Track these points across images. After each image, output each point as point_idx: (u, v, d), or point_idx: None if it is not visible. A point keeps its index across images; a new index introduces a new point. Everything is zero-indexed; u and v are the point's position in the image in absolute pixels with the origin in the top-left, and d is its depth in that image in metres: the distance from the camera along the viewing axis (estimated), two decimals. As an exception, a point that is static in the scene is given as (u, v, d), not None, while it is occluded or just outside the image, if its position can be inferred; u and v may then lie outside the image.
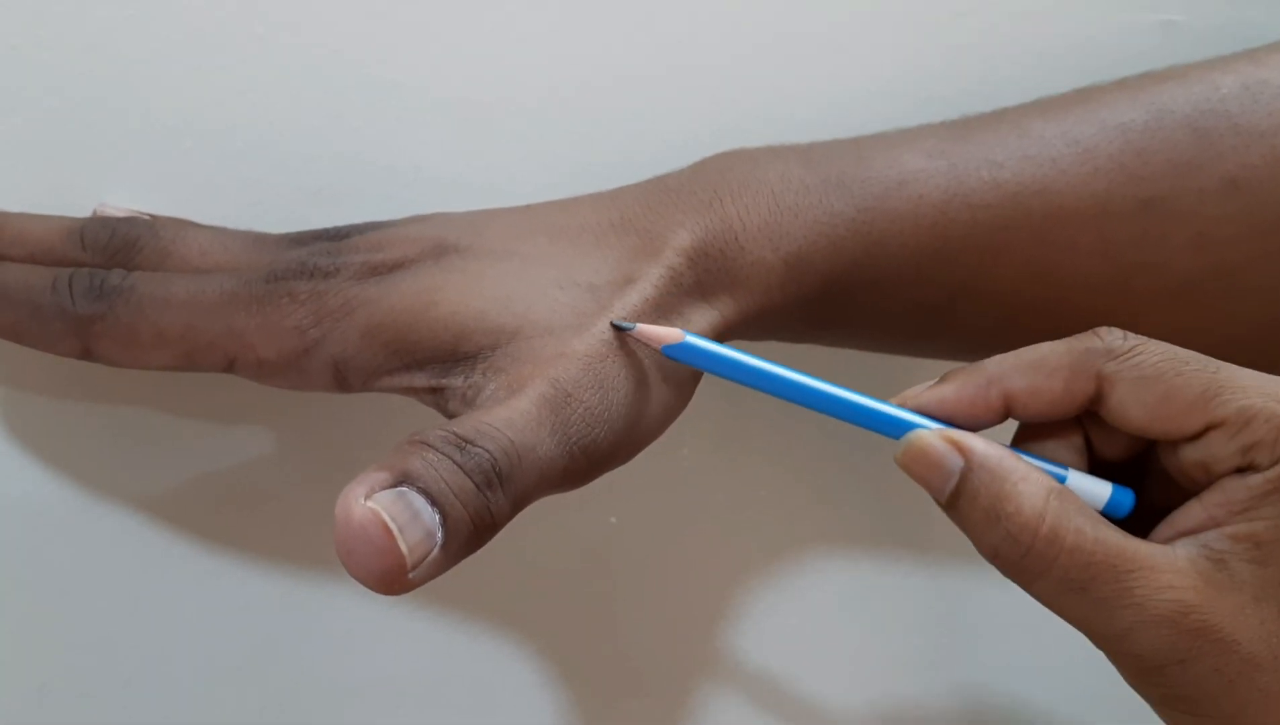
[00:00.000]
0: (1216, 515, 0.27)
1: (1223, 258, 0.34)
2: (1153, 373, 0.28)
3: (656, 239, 0.32)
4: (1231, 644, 0.26)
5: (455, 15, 0.36)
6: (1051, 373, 0.29)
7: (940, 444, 0.28)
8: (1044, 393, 0.29)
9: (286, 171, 0.36)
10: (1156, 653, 0.27)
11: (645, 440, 0.31)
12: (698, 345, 0.30)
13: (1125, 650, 0.27)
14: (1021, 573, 0.27)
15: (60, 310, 0.30)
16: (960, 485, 0.28)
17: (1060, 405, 0.29)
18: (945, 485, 0.28)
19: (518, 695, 0.41)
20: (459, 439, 0.27)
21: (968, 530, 0.28)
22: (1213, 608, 0.26)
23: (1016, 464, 0.28)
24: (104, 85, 0.34)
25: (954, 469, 0.28)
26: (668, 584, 0.42)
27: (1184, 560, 0.27)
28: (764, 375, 0.30)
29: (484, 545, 0.27)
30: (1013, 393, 0.29)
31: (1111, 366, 0.28)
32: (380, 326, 0.30)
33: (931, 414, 0.29)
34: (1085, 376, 0.28)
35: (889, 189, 0.33)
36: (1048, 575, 0.27)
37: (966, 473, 0.28)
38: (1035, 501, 0.27)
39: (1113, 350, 0.28)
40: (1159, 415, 0.28)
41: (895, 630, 0.43)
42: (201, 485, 0.37)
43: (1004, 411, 0.29)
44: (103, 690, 0.37)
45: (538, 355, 0.29)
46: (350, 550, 0.25)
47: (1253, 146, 0.34)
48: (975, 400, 0.29)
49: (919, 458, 0.29)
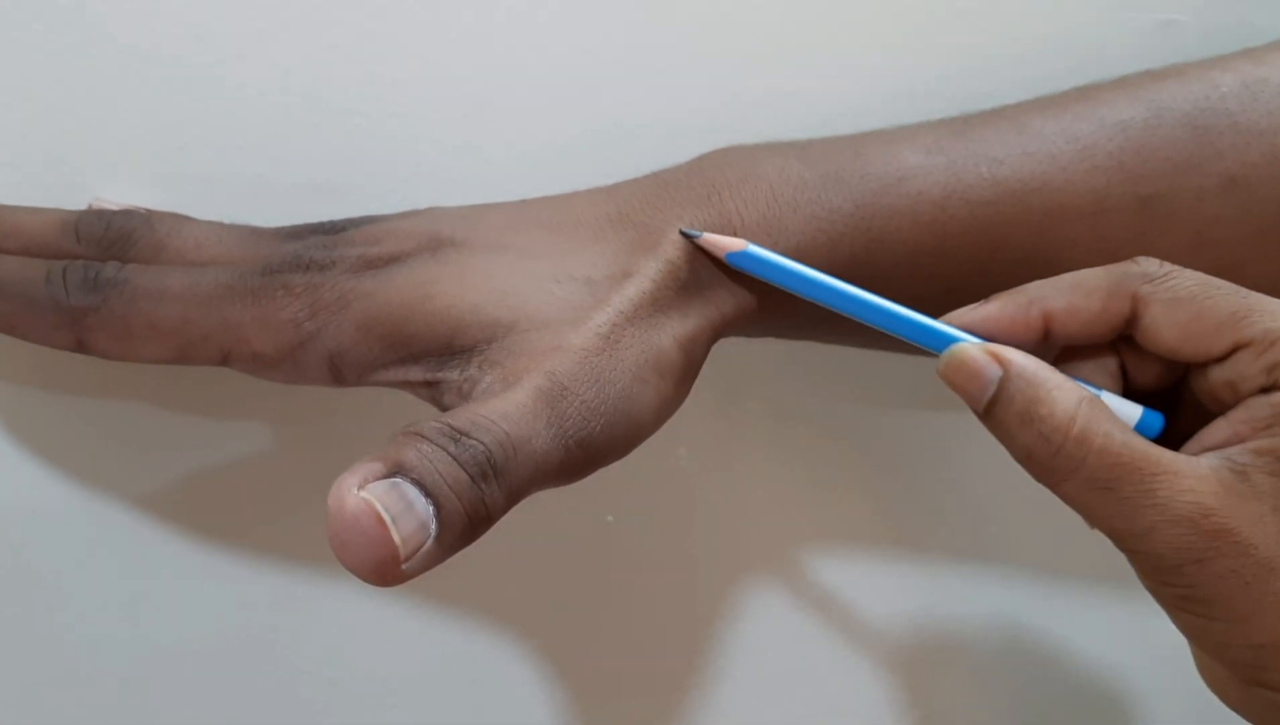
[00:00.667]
0: (1241, 431, 0.28)
1: (1221, 256, 0.34)
2: (1185, 295, 0.29)
3: (654, 233, 0.32)
4: (1249, 547, 0.27)
5: (453, 11, 0.36)
6: (1090, 293, 0.30)
7: (980, 355, 0.29)
8: (1082, 312, 0.30)
9: (283, 167, 0.36)
10: (1176, 551, 0.27)
11: (641, 435, 0.31)
12: (759, 254, 0.31)
13: (1146, 549, 0.28)
14: (1051, 472, 0.28)
15: (54, 302, 0.30)
16: (998, 393, 0.29)
17: (1097, 325, 0.30)
18: (983, 394, 0.29)
19: (514, 694, 0.40)
20: (454, 431, 0.27)
21: (1001, 436, 0.29)
22: (1232, 512, 0.27)
23: (1052, 374, 0.29)
24: (100, 80, 0.34)
25: (992, 378, 0.29)
26: (664, 583, 0.41)
27: (1207, 468, 0.28)
28: (820, 286, 0.31)
29: (478, 538, 0.27)
30: (1052, 312, 0.30)
31: (1147, 288, 0.29)
32: (376, 320, 0.30)
33: (974, 331, 0.31)
34: (1121, 297, 0.30)
35: (887, 185, 0.33)
36: (1076, 475, 0.28)
37: (1004, 381, 0.29)
38: (1068, 406, 0.28)
39: (1148, 274, 0.29)
40: (1190, 335, 0.29)
41: (893, 631, 0.43)
42: (196, 480, 0.37)
43: (1043, 330, 0.30)
44: (96, 687, 0.37)
45: (533, 348, 0.29)
46: (343, 541, 0.25)
47: (1252, 145, 0.34)
48: (1016, 318, 0.30)
49: (960, 368, 0.30)
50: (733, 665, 0.42)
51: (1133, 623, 0.44)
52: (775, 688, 0.43)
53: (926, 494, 0.43)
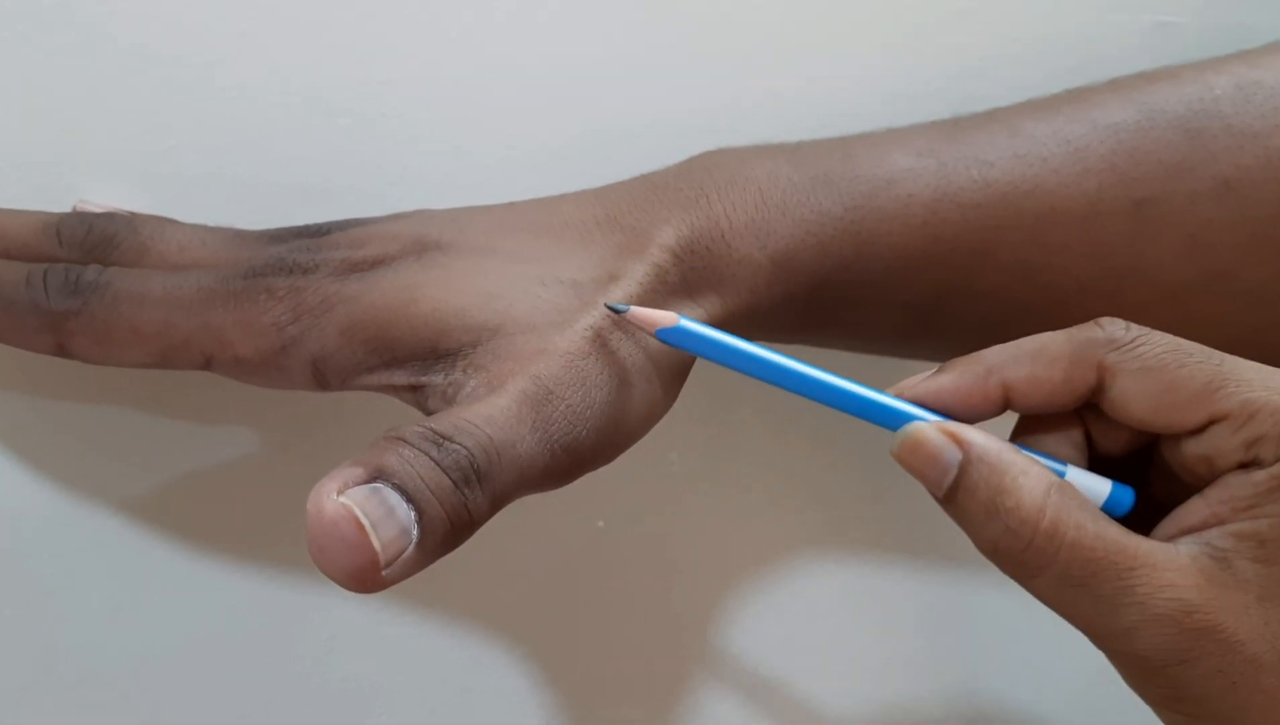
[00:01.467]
0: (1220, 512, 0.27)
1: (1215, 260, 0.34)
2: (1156, 364, 0.27)
3: (642, 236, 0.31)
4: (1235, 644, 0.26)
5: (444, 12, 0.36)
6: (1051, 362, 0.28)
7: (938, 436, 0.27)
8: (1044, 383, 0.28)
9: (272, 168, 0.36)
10: (1158, 652, 0.26)
11: (629, 440, 0.30)
12: (692, 329, 0.29)
13: (1127, 650, 0.27)
14: (1021, 568, 0.27)
15: (34, 306, 0.30)
16: (959, 479, 0.27)
17: (1060, 396, 0.28)
18: (943, 479, 0.27)
19: (504, 701, 0.40)
20: (436, 435, 0.26)
21: (965, 525, 0.28)
22: (1216, 607, 0.26)
23: (1016, 457, 0.27)
24: (85, 81, 0.34)
25: (952, 462, 0.27)
26: (655, 589, 0.41)
27: (1186, 558, 0.26)
28: (759, 362, 0.29)
29: (461, 544, 0.27)
30: (1012, 383, 0.28)
31: (1114, 357, 0.28)
32: (360, 324, 0.30)
33: (928, 405, 0.29)
34: (1086, 366, 0.28)
35: (878, 188, 0.33)
36: (1048, 571, 0.26)
37: (965, 466, 0.27)
38: (1035, 496, 0.26)
39: (1115, 340, 0.28)
40: (1162, 407, 0.27)
41: (886, 635, 0.43)
42: (178, 485, 0.36)
43: (1003, 402, 0.29)
44: (85, 692, 0.36)
45: (519, 352, 0.29)
46: (322, 547, 0.24)
47: (1246, 147, 0.33)
48: (973, 391, 0.28)
49: (915, 450, 0.28)
50: (723, 671, 0.42)
51: None
52: (765, 694, 0.43)
53: (918, 500, 0.42)
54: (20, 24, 0.33)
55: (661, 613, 0.42)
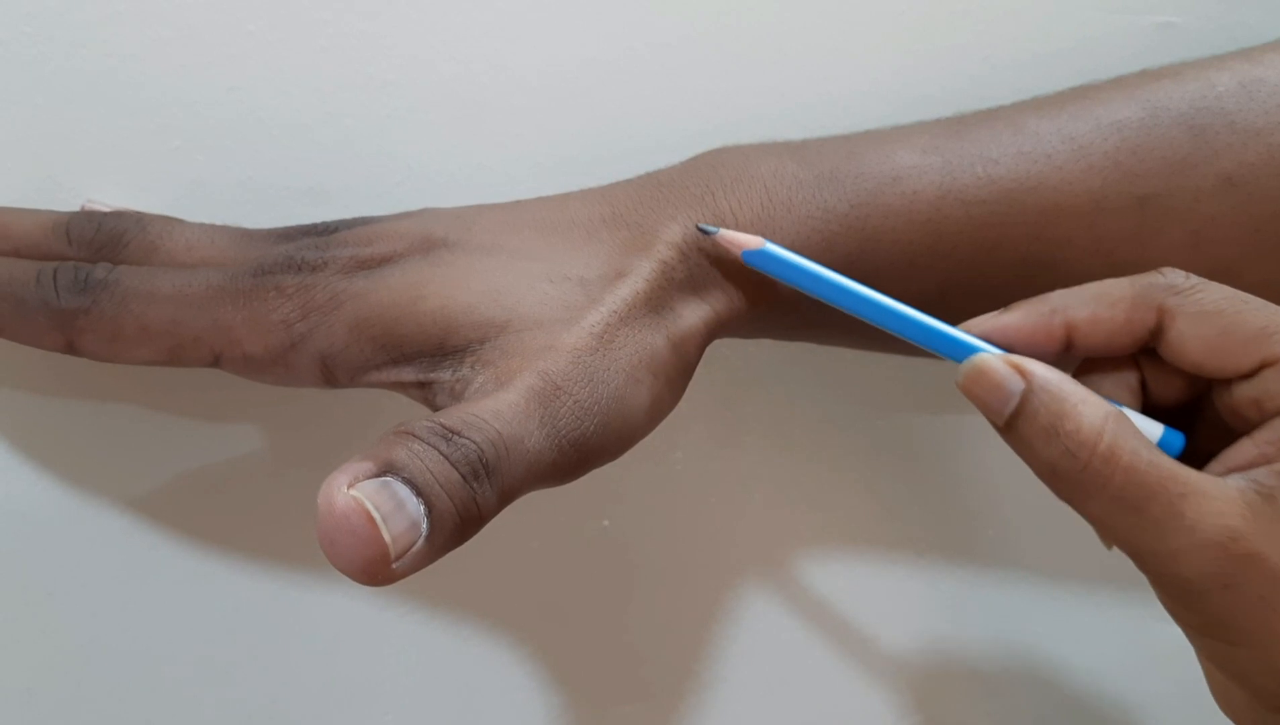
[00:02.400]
0: (1267, 452, 0.28)
1: (1219, 256, 0.34)
2: (1213, 308, 0.28)
3: (648, 233, 0.32)
4: (1278, 573, 0.26)
5: (446, 13, 0.36)
6: (1114, 303, 0.29)
7: (1002, 366, 0.28)
8: (1105, 323, 0.29)
9: (276, 170, 0.36)
10: (1203, 576, 0.27)
11: (635, 436, 0.31)
12: (776, 253, 0.31)
13: (1172, 572, 0.27)
14: (1077, 489, 0.28)
15: (44, 304, 0.30)
16: (1020, 406, 0.28)
17: (1120, 337, 0.29)
18: (1005, 406, 0.28)
19: (509, 700, 0.40)
20: (445, 430, 0.26)
21: (1024, 449, 0.28)
22: (1261, 536, 0.26)
23: (1076, 388, 0.28)
24: (92, 82, 0.34)
25: (1015, 391, 0.28)
26: (661, 587, 0.41)
27: (1234, 491, 0.27)
28: (837, 287, 0.30)
29: (471, 538, 0.27)
30: (1075, 322, 0.29)
31: (1174, 300, 0.29)
32: (367, 321, 0.30)
33: (994, 341, 0.30)
34: (1147, 309, 0.29)
35: (882, 184, 0.33)
36: (1103, 492, 0.27)
37: (1027, 394, 0.28)
38: (1094, 421, 0.27)
39: (1175, 286, 0.29)
40: (1217, 349, 0.28)
41: (890, 634, 0.43)
42: (187, 483, 0.37)
43: (1065, 341, 0.30)
44: (87, 690, 0.37)
45: (526, 348, 0.29)
46: (332, 540, 0.24)
47: (1250, 145, 0.34)
48: (1037, 328, 0.29)
49: (980, 379, 0.29)
50: (729, 670, 0.42)
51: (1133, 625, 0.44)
52: (772, 693, 0.43)
53: (924, 497, 0.43)
54: (26, 25, 0.34)
55: (667, 611, 0.42)
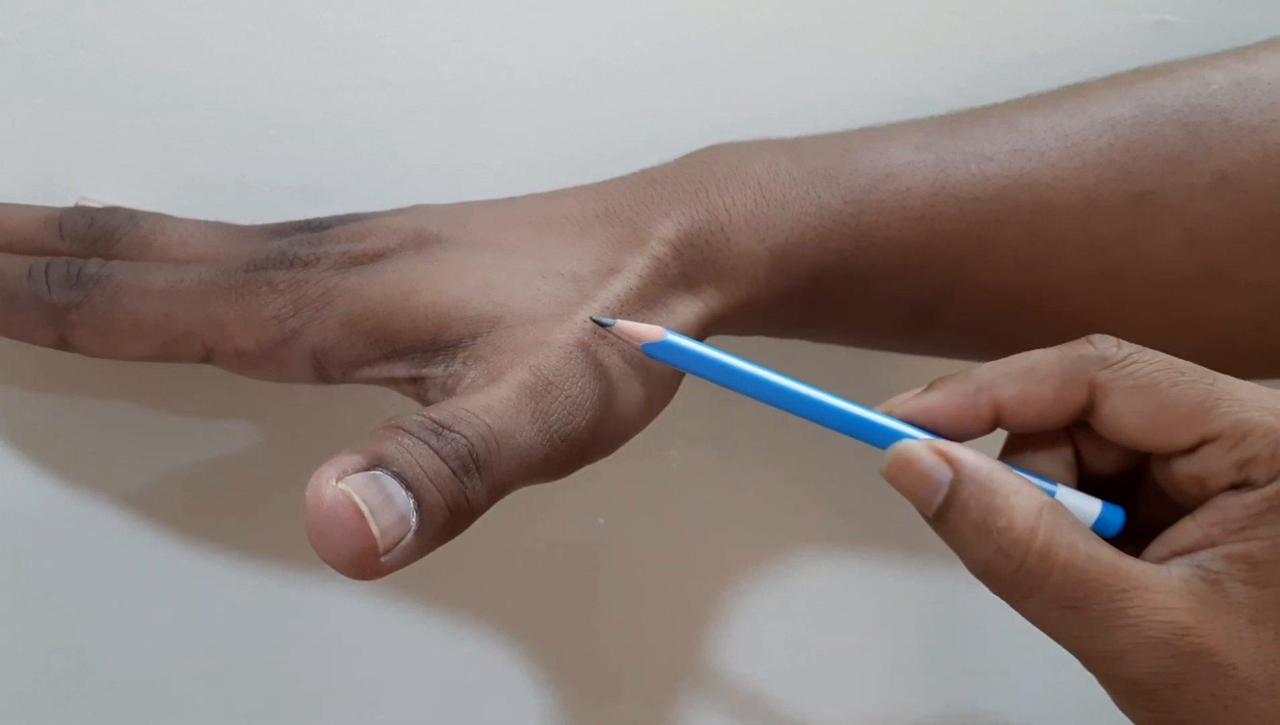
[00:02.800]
0: (1211, 534, 0.27)
1: (1213, 254, 0.34)
2: (1148, 382, 0.27)
3: (641, 229, 0.32)
4: (1228, 667, 0.26)
5: (441, 11, 0.36)
6: (1043, 380, 0.28)
7: (928, 455, 0.27)
8: (1035, 401, 0.28)
9: (274, 168, 0.36)
10: (1151, 675, 0.26)
11: (629, 432, 0.31)
12: (680, 344, 0.29)
13: (1118, 673, 0.27)
14: (1013, 589, 0.27)
15: (36, 298, 0.30)
16: (949, 498, 0.27)
17: (1051, 414, 0.28)
18: (933, 498, 0.27)
19: (504, 698, 0.40)
20: (436, 424, 0.27)
21: (956, 545, 0.27)
22: (1208, 629, 0.26)
23: (1008, 477, 0.27)
24: (90, 81, 0.34)
25: (942, 481, 0.27)
26: (655, 585, 0.42)
27: (1179, 580, 0.26)
28: (747, 377, 0.29)
29: (461, 533, 0.27)
30: (1002, 401, 0.28)
31: (1105, 374, 0.28)
32: (360, 316, 0.30)
33: (918, 423, 0.29)
34: (1078, 384, 0.28)
35: (876, 181, 0.33)
36: (1040, 592, 0.26)
37: (956, 485, 0.27)
38: (1028, 516, 0.26)
39: (1107, 358, 0.28)
40: (1153, 426, 0.27)
41: (884, 633, 0.43)
42: (178, 479, 0.37)
43: (993, 420, 0.29)
44: (82, 689, 0.37)
45: (518, 343, 0.29)
46: (321, 533, 0.24)
47: (1244, 142, 0.34)
48: (963, 408, 0.28)
49: (905, 468, 0.28)
50: (724, 668, 0.42)
51: None
52: (766, 691, 0.43)
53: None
54: (21, 24, 0.34)
55: (661, 609, 0.42)
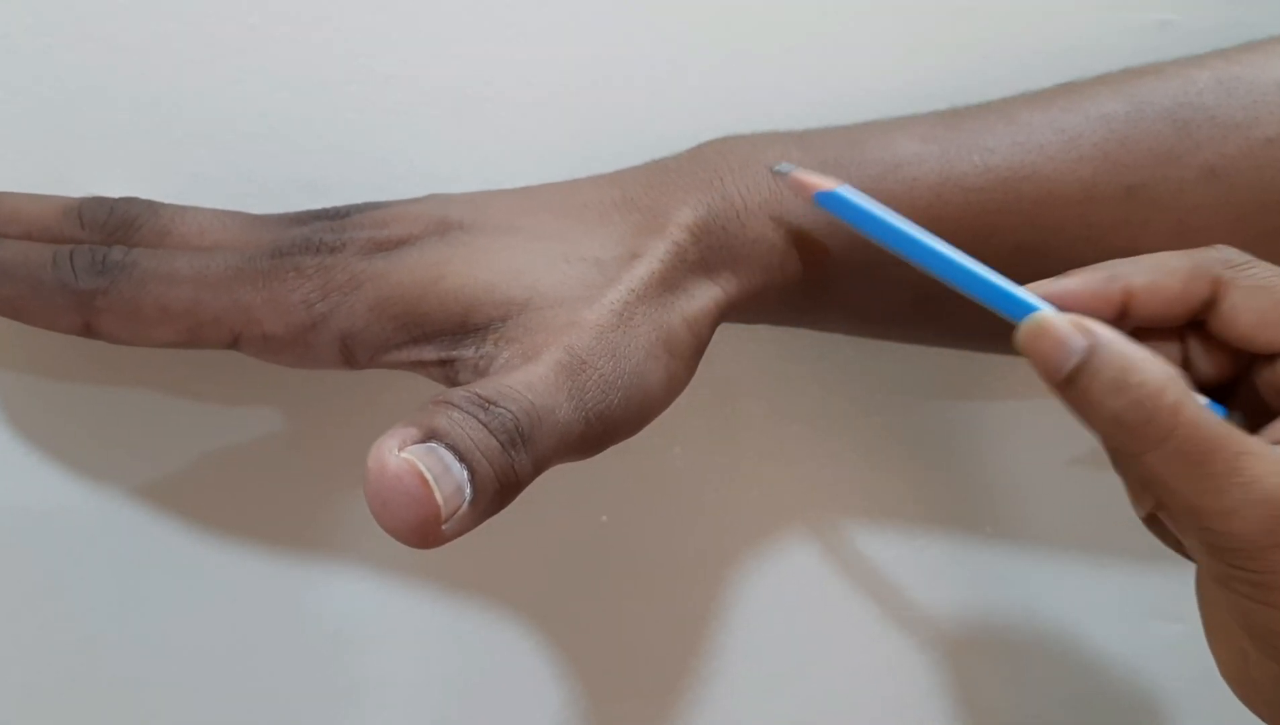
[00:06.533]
0: None
1: (1202, 243, 0.35)
2: (1265, 283, 0.30)
3: (660, 216, 0.33)
4: None
5: (450, 7, 0.37)
6: (1172, 272, 0.31)
7: (1065, 324, 0.29)
8: (1163, 290, 0.31)
9: (279, 163, 0.37)
10: (1258, 534, 0.28)
11: (654, 410, 0.32)
12: (849, 197, 0.32)
13: (1226, 528, 0.28)
14: (1141, 439, 0.28)
15: (62, 285, 0.31)
16: (1085, 361, 0.29)
17: (1175, 306, 0.31)
18: (1066, 362, 0.29)
19: (510, 694, 0.41)
20: (482, 399, 0.28)
21: (1085, 403, 0.29)
22: None
23: (1138, 347, 0.29)
24: (96, 76, 0.35)
25: (1077, 348, 0.29)
26: (659, 581, 0.42)
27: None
28: (907, 237, 0.32)
29: (507, 505, 0.28)
30: (1133, 288, 0.31)
31: (1229, 272, 0.31)
32: (388, 300, 0.31)
33: (1053, 302, 0.31)
34: (1202, 279, 0.31)
35: (884, 171, 0.35)
36: (1166, 443, 0.28)
37: (1092, 350, 0.29)
38: (1159, 376, 0.28)
39: (1230, 260, 0.31)
40: (1268, 323, 0.30)
41: (891, 625, 0.44)
42: (202, 468, 0.37)
43: (1121, 307, 0.31)
44: (89, 683, 0.37)
45: (550, 325, 0.31)
46: (385, 501, 0.26)
47: (1229, 138, 0.36)
48: (1096, 293, 0.31)
49: (1043, 335, 0.30)
50: (728, 664, 0.43)
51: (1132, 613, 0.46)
52: (771, 687, 0.44)
53: (923, 489, 0.44)
54: (28, 18, 0.34)
55: (665, 606, 0.42)
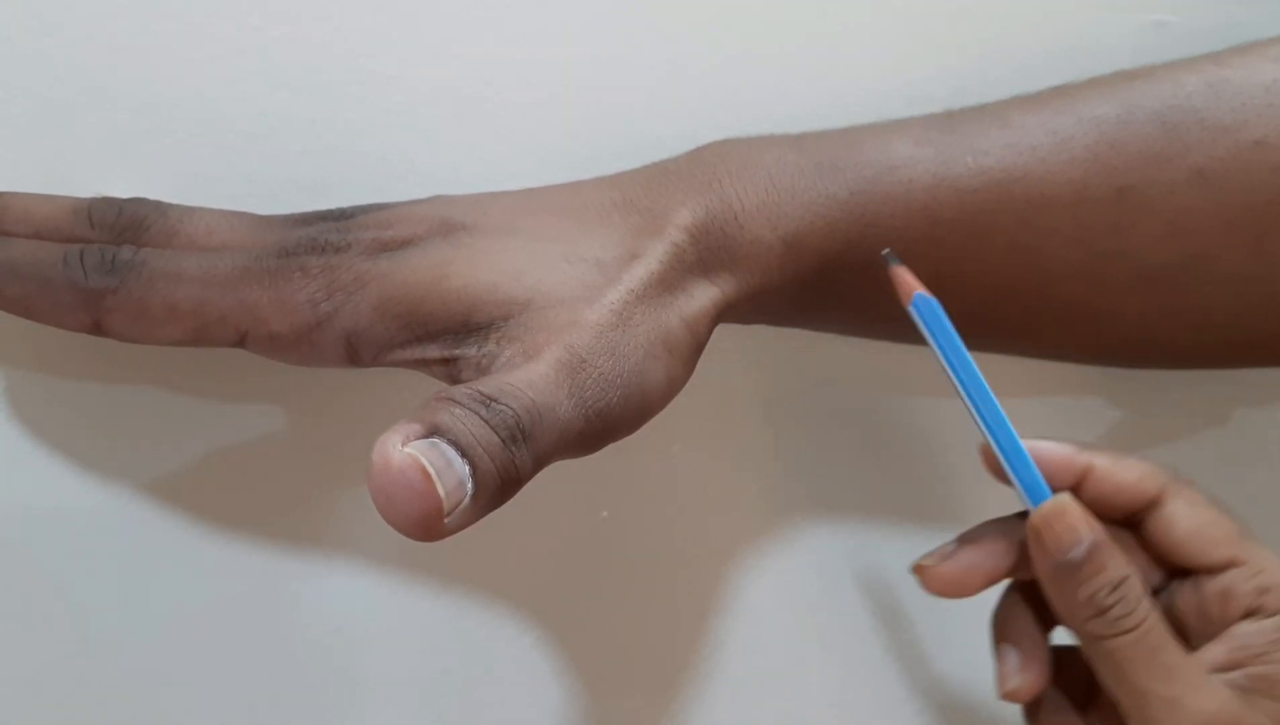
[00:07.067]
0: (1236, 657, 0.33)
1: (1192, 244, 0.37)
2: (1203, 502, 0.35)
3: (659, 217, 0.34)
4: None
5: (450, 8, 0.38)
6: (1130, 465, 0.35)
7: (1082, 514, 0.34)
8: (1119, 474, 0.35)
9: (281, 164, 0.37)
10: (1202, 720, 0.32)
11: (653, 408, 0.33)
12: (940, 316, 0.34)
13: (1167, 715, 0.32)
14: (1115, 628, 0.33)
15: (71, 284, 0.31)
16: (1090, 553, 0.33)
17: (1126, 493, 0.35)
18: (1074, 549, 0.33)
19: (509, 690, 0.42)
20: (484, 397, 0.29)
21: (1078, 590, 0.33)
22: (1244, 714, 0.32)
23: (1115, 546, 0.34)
24: (97, 77, 0.36)
25: (1086, 538, 0.33)
26: (659, 578, 0.43)
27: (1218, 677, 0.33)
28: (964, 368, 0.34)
29: (508, 501, 0.29)
30: (1095, 465, 0.35)
31: (1175, 484, 0.35)
32: (393, 299, 0.32)
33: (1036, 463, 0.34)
34: (1154, 479, 0.35)
35: (880, 172, 0.35)
36: (1134, 633, 0.33)
37: (1097, 545, 0.33)
38: (1139, 580, 0.33)
39: (1179, 477, 0.35)
40: (1199, 536, 0.34)
41: (888, 623, 0.44)
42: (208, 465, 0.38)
43: (1080, 478, 0.35)
44: (89, 681, 0.38)
45: (551, 324, 0.31)
46: (389, 495, 0.26)
47: (1219, 140, 0.36)
48: (1065, 460, 0.35)
49: (1061, 517, 0.34)
50: (726, 661, 0.43)
51: None
52: (768, 684, 0.44)
53: (921, 488, 0.44)
54: (31, 20, 0.35)
55: (664, 602, 0.43)
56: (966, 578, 0.36)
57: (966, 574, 0.36)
